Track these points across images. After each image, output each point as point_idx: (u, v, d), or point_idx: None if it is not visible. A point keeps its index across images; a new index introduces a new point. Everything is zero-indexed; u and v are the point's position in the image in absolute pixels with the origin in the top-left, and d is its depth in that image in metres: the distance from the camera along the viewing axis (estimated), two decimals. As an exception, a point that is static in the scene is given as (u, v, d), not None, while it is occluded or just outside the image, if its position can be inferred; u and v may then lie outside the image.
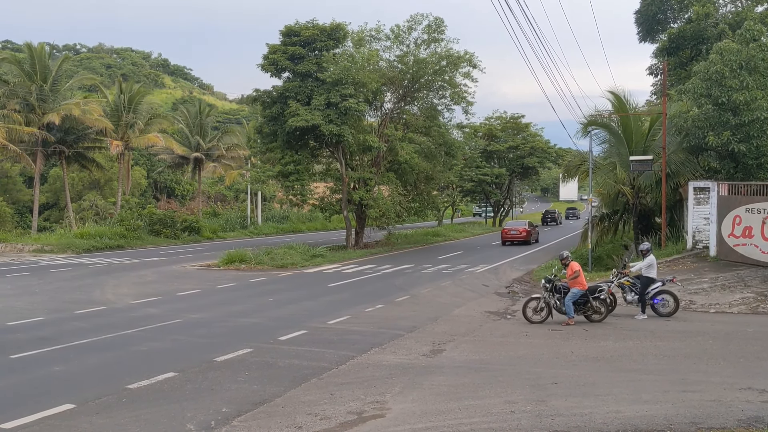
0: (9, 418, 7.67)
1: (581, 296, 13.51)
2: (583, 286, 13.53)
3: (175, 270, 25.47)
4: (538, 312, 13.75)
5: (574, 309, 13.53)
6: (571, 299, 13.42)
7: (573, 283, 13.54)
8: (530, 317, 13.79)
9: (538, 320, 13.70)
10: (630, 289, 14.69)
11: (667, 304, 14.45)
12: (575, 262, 13.87)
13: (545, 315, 13.74)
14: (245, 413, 7.88)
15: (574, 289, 13.49)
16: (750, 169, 20.93)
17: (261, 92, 33.98)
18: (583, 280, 13.58)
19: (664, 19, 37.44)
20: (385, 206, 33.12)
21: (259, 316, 15.05)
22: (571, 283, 13.57)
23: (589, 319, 13.68)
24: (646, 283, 14.34)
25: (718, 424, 7.05)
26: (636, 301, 14.53)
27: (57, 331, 13.10)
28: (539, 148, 62.52)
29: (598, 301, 13.67)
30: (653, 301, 14.45)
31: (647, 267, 14.40)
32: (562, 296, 13.66)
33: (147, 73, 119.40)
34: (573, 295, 13.42)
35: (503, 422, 7.28)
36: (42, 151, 40.11)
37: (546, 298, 13.75)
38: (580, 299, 13.53)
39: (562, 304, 13.60)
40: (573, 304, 13.48)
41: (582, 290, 13.50)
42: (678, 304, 14.44)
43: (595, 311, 13.66)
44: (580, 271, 13.60)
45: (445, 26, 33.38)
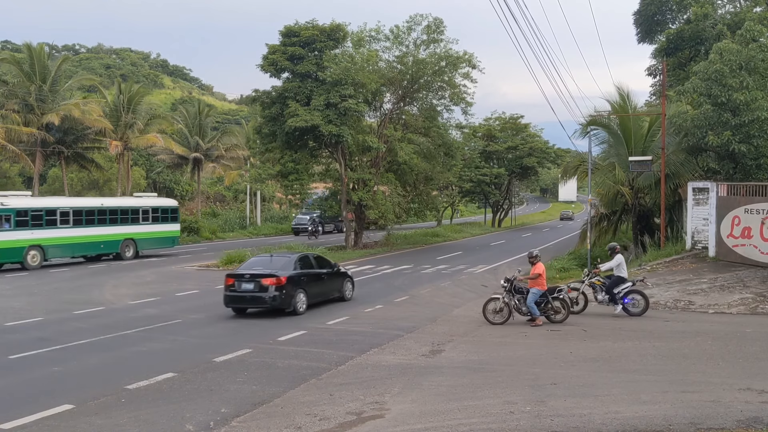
0: (8, 418, 7.66)
1: (541, 296, 13.55)
2: (543, 287, 13.58)
3: (174, 270, 25.46)
4: (497, 312, 13.75)
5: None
6: (532, 299, 13.45)
7: (533, 283, 13.61)
8: (490, 318, 13.75)
9: (499, 321, 13.65)
10: (601, 288, 14.88)
11: (637, 303, 14.62)
12: (541, 263, 13.90)
13: (506, 316, 13.71)
14: (244, 414, 7.87)
15: (533, 289, 13.56)
16: (749, 170, 20.95)
17: (260, 92, 33.97)
18: (543, 281, 13.61)
19: (663, 20, 37.49)
20: (385, 207, 33.13)
21: (258, 316, 15.03)
22: (531, 283, 13.64)
23: (549, 319, 13.68)
24: (615, 282, 14.58)
25: (717, 424, 7.05)
26: (606, 300, 14.74)
27: (56, 332, 13.09)
28: (538, 149, 62.53)
29: (557, 302, 13.74)
30: (624, 300, 14.61)
31: (617, 266, 14.66)
32: (522, 297, 13.72)
33: (146, 73, 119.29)
34: (533, 296, 13.46)
35: (502, 423, 7.28)
36: (41, 152, 40.07)
37: (505, 298, 13.75)
38: (539, 299, 13.57)
39: (522, 304, 13.66)
40: (534, 304, 13.53)
41: (541, 290, 13.56)
42: (648, 303, 14.62)
43: (555, 311, 13.68)
44: (543, 273, 13.65)
45: (445, 27, 33.41)
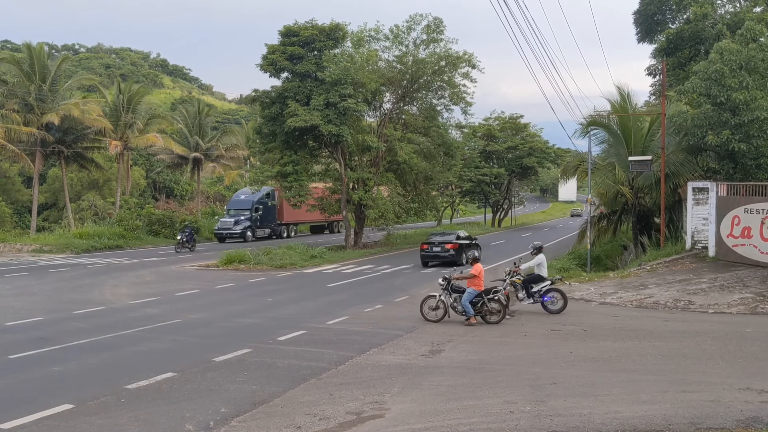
0: (8, 418, 7.66)
1: (476, 296, 13.72)
2: (480, 287, 13.77)
3: (174, 270, 25.46)
4: (434, 310, 14.03)
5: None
6: (467, 299, 13.64)
7: (470, 283, 13.78)
8: (427, 315, 14.03)
9: (435, 318, 13.95)
10: (522, 287, 15.18)
11: (555, 301, 14.99)
12: (480, 265, 14.09)
13: (441, 314, 13.99)
14: (244, 413, 7.87)
15: (469, 288, 13.73)
16: (749, 170, 20.96)
17: (260, 92, 33.97)
18: (480, 282, 13.79)
19: (663, 20, 37.51)
20: (384, 206, 33.13)
21: (258, 316, 15.05)
22: (468, 283, 13.82)
23: (485, 320, 13.79)
24: (534, 279, 15.00)
25: (717, 424, 7.05)
26: (526, 298, 15.13)
27: (56, 332, 13.09)
28: (538, 148, 62.55)
29: (493, 303, 13.86)
30: (543, 298, 14.95)
31: (537, 265, 15.04)
32: (459, 296, 13.92)
33: (146, 73, 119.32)
34: (469, 295, 13.64)
35: (502, 422, 7.28)
36: (41, 151, 40.06)
37: (442, 296, 14.00)
38: (475, 299, 13.73)
39: (458, 303, 13.87)
40: (469, 303, 13.67)
41: (478, 291, 13.73)
42: (566, 301, 14.97)
43: (490, 312, 13.81)
44: (480, 274, 13.82)
45: (444, 26, 33.39)
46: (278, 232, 45.12)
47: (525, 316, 14.93)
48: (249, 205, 42.78)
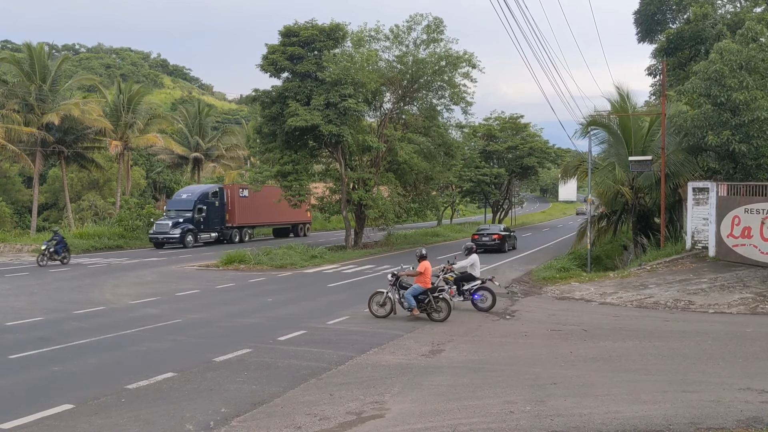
0: (8, 418, 7.66)
1: (421, 293, 14.02)
2: (426, 285, 14.09)
3: (174, 270, 25.45)
4: (382, 306, 14.34)
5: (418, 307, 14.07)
6: (411, 293, 14.02)
7: (417, 280, 14.14)
8: (375, 311, 14.37)
9: (383, 314, 14.27)
10: (453, 284, 15.61)
11: (485, 299, 15.44)
12: (426, 262, 14.32)
13: (389, 309, 14.32)
14: (244, 413, 7.87)
15: (415, 285, 14.09)
16: (749, 170, 20.96)
17: (260, 92, 33.98)
18: (426, 279, 14.11)
19: (663, 20, 37.52)
20: (385, 206, 33.12)
21: (258, 316, 15.05)
22: (415, 279, 14.18)
23: (430, 317, 14.07)
24: (465, 278, 15.41)
25: (717, 424, 7.05)
26: (457, 294, 15.47)
27: (56, 331, 13.09)
28: (538, 148, 62.50)
29: (440, 301, 14.12)
30: (473, 296, 15.39)
31: (470, 265, 15.43)
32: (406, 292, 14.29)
33: (146, 73, 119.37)
34: (413, 290, 14.02)
35: (502, 422, 7.28)
36: (41, 151, 40.08)
37: (390, 293, 14.29)
38: (420, 296, 14.03)
39: (405, 299, 14.19)
40: (415, 299, 14.00)
41: (423, 288, 14.06)
42: (495, 300, 15.39)
43: (435, 310, 14.07)
44: (427, 272, 14.10)
45: (445, 26, 33.39)
46: (228, 236, 39.67)
47: (525, 317, 14.95)
48: (190, 206, 37.39)
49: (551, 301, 17.67)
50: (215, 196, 39.53)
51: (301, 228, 47.41)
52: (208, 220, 38.42)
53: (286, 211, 41.57)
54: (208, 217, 38.40)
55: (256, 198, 40.56)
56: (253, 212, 41.46)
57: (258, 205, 41.24)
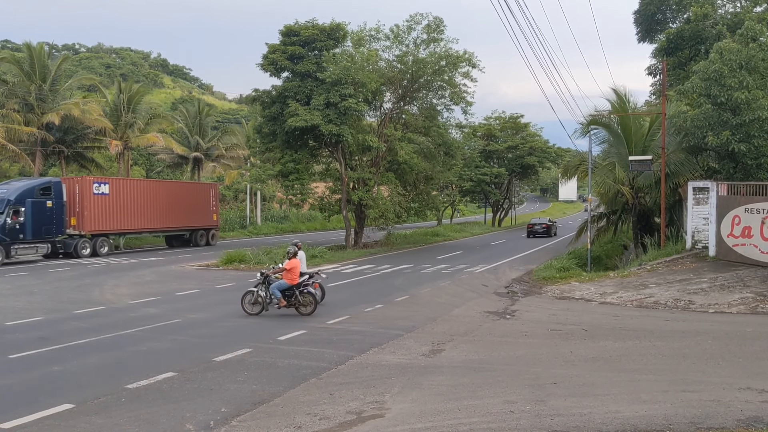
0: (8, 418, 7.65)
1: (287, 289, 14.50)
2: (293, 281, 14.53)
3: (174, 270, 25.46)
4: (253, 305, 14.77)
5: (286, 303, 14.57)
6: (276, 287, 14.48)
7: (284, 276, 14.63)
8: (248, 310, 14.73)
9: (255, 312, 14.70)
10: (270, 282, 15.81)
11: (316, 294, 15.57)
12: (295, 260, 14.71)
13: (260, 308, 14.73)
14: (244, 413, 7.87)
15: (281, 281, 14.59)
16: (749, 169, 20.96)
17: (260, 92, 33.99)
18: (293, 276, 14.52)
19: (663, 20, 37.53)
20: (385, 206, 33.13)
21: (258, 316, 15.03)
22: (283, 276, 14.65)
23: (298, 311, 14.63)
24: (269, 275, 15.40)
25: (717, 424, 7.05)
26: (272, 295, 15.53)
27: (56, 331, 13.09)
28: (538, 148, 62.57)
29: (306, 296, 14.61)
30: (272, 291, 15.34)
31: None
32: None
33: (146, 72, 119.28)
34: (279, 285, 14.50)
35: (502, 422, 7.28)
36: (41, 151, 40.05)
37: (260, 291, 14.71)
38: (287, 291, 14.51)
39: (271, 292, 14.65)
40: (281, 293, 14.48)
41: (289, 284, 14.50)
42: (324, 293, 15.60)
43: (302, 304, 14.58)
44: (295, 269, 14.51)
45: (445, 26, 33.43)
46: (72, 247, 30.20)
47: (525, 316, 14.95)
48: (1, 207, 27.99)
49: (551, 300, 17.68)
50: (45, 193, 29.76)
51: (202, 235, 38.18)
52: (34, 226, 28.80)
53: (179, 213, 35.36)
54: (33, 221, 28.76)
55: (126, 196, 32.99)
56: (121, 215, 32.50)
57: (130, 205, 33.09)
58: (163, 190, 33.54)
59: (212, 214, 38.85)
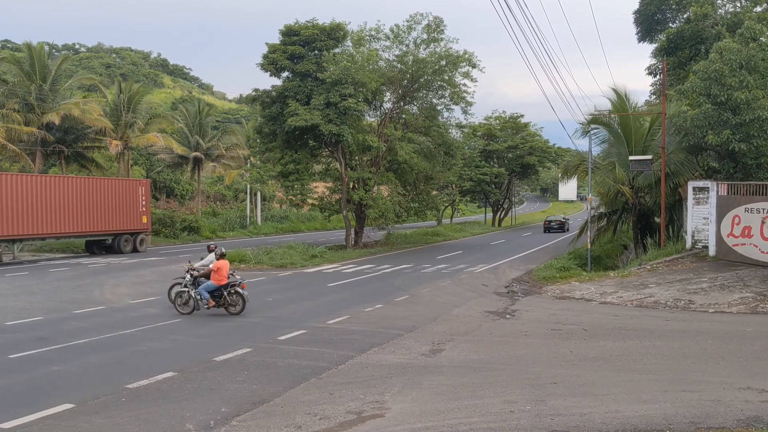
0: (8, 417, 7.66)
1: (215, 289, 14.72)
2: (220, 282, 14.75)
3: (175, 270, 25.42)
4: (185, 304, 14.99)
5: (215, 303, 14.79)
6: (204, 288, 14.71)
7: (212, 277, 14.79)
8: (180, 310, 14.97)
9: (187, 311, 14.90)
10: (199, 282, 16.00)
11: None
12: (223, 261, 14.94)
13: (192, 307, 14.93)
14: (244, 413, 7.87)
15: (209, 282, 14.77)
16: (749, 169, 20.96)
17: (260, 92, 33.99)
18: (221, 277, 14.75)
19: (663, 20, 37.53)
20: (385, 206, 33.13)
21: (258, 315, 15.04)
22: (211, 276, 14.81)
23: (227, 311, 14.84)
24: (206, 275, 15.48)
25: (718, 423, 7.05)
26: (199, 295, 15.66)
27: (56, 331, 13.09)
28: (538, 148, 62.59)
29: (234, 296, 14.80)
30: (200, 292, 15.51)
31: (209, 263, 15.74)
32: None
33: (146, 72, 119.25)
34: (207, 286, 14.73)
35: (502, 422, 7.28)
36: (41, 151, 40.05)
37: (191, 291, 14.94)
38: (215, 292, 14.73)
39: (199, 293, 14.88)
40: (210, 294, 14.69)
41: (217, 285, 14.72)
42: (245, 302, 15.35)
43: (230, 304, 14.81)
44: (222, 270, 14.72)
45: (445, 26, 33.43)
46: None
47: (525, 316, 14.95)
48: None
49: (551, 300, 17.68)
50: None
51: (127, 240, 32.87)
52: None
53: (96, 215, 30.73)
54: None
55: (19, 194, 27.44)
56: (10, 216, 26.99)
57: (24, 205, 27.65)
58: (73, 188, 28.49)
59: (140, 216, 33.58)
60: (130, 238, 33.23)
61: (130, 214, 32.97)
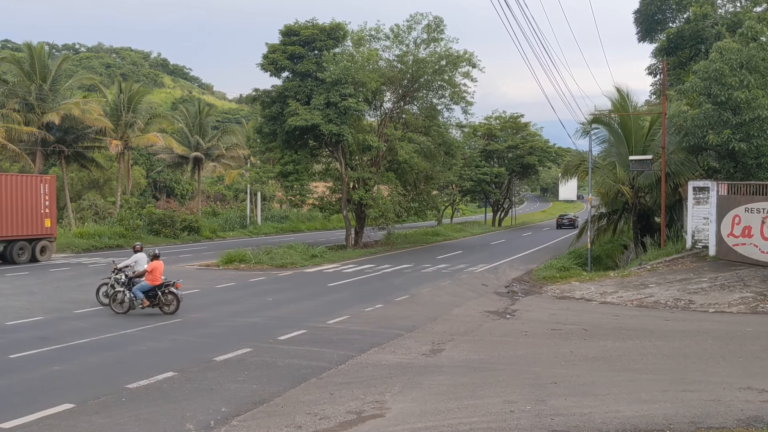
0: (8, 417, 7.66)
1: (150, 289, 14.93)
2: (154, 282, 14.97)
3: (175, 269, 25.42)
4: (121, 303, 15.16)
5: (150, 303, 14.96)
6: (138, 289, 14.95)
7: (146, 277, 15.06)
8: (116, 309, 15.13)
9: (122, 311, 15.07)
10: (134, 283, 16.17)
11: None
12: (157, 262, 15.14)
13: (127, 307, 15.07)
14: (244, 413, 7.87)
15: (144, 282, 15.05)
16: (749, 169, 20.96)
17: (260, 92, 33.98)
18: (155, 277, 14.96)
19: (663, 19, 37.55)
20: (385, 206, 33.12)
21: (258, 315, 15.05)
22: (145, 277, 15.08)
23: (162, 310, 14.98)
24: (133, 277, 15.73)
25: (718, 423, 7.05)
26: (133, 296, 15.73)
27: (56, 331, 13.09)
28: (539, 148, 62.58)
29: (169, 295, 14.99)
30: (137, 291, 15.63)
31: (134, 263, 15.91)
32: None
33: (146, 72, 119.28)
34: (141, 287, 14.97)
35: (502, 422, 7.28)
36: (41, 151, 40.07)
37: (126, 292, 15.12)
38: (150, 292, 14.93)
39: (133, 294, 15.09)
40: (144, 294, 14.90)
41: (151, 285, 14.93)
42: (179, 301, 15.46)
43: (164, 303, 14.99)
44: (156, 270, 14.94)
45: (445, 26, 33.40)
46: None
47: (525, 316, 14.95)
48: None
49: (551, 300, 17.68)
50: None
51: (22, 249, 27.01)
52: None
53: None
54: None
55: None
56: None
57: None
58: None
59: (42, 219, 27.76)
60: (28, 246, 27.20)
61: (28, 217, 27.03)
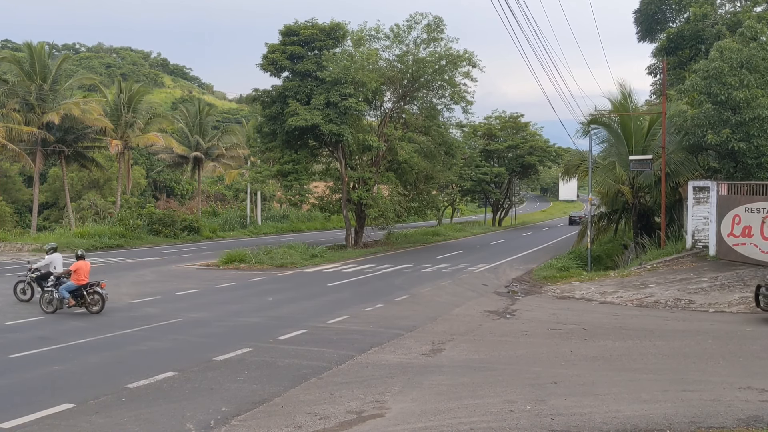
0: (8, 417, 7.66)
1: (75, 289, 15.20)
2: (79, 282, 15.27)
3: (175, 269, 25.45)
4: (49, 303, 15.33)
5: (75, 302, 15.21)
6: (65, 288, 15.19)
7: (71, 277, 15.31)
8: (45, 308, 15.30)
9: (50, 310, 15.20)
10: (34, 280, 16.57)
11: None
12: (81, 262, 15.47)
13: (55, 306, 15.26)
14: (245, 413, 7.87)
15: (70, 282, 15.29)
16: (750, 169, 20.95)
17: (260, 92, 33.97)
18: (80, 277, 15.26)
19: (663, 19, 37.56)
20: (385, 206, 33.12)
21: (258, 315, 15.05)
22: (71, 277, 15.31)
23: (88, 309, 15.22)
24: (44, 276, 16.14)
25: (718, 423, 7.05)
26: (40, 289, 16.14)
27: (56, 331, 13.10)
28: (539, 147, 62.59)
29: (91, 295, 15.24)
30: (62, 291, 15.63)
31: (48, 264, 16.34)
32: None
33: (146, 72, 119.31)
34: (67, 286, 15.23)
35: (502, 421, 7.28)
36: (41, 151, 40.08)
37: (54, 293, 15.29)
38: (75, 291, 15.20)
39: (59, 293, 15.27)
40: (70, 293, 15.13)
41: (77, 285, 15.21)
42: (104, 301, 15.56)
43: (90, 303, 15.25)
44: (79, 271, 15.23)
45: (445, 25, 33.38)
46: None
47: (525, 316, 14.95)
48: None
49: (552, 300, 17.68)
50: None
51: None
52: None
53: None
54: None
55: None
56: None
57: None
58: None
59: None
60: None
61: None
